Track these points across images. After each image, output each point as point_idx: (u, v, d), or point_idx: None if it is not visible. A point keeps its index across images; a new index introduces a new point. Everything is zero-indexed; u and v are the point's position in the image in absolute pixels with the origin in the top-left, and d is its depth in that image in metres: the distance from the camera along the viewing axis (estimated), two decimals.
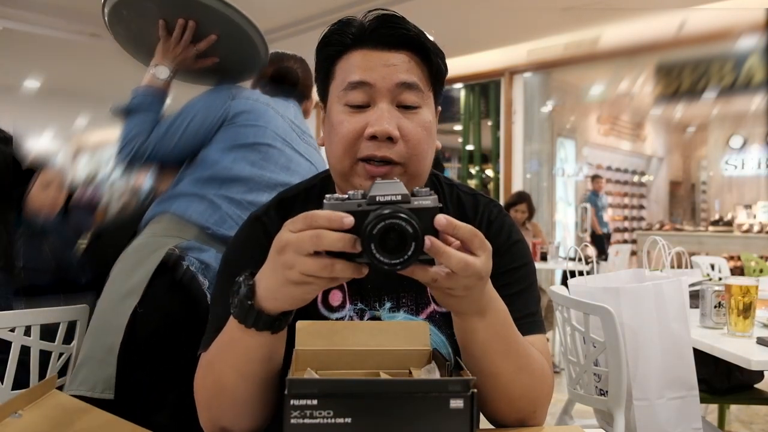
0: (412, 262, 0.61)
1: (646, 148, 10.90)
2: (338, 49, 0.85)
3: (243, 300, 0.69)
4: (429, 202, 0.63)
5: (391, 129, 0.80)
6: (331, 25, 0.86)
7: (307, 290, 0.65)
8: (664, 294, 1.57)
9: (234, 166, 1.47)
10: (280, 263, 0.64)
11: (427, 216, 0.62)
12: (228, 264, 0.91)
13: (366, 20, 0.84)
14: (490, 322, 0.74)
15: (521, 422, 0.80)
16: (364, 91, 0.82)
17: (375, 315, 0.89)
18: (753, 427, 3.13)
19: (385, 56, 0.82)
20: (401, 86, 0.82)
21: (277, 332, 0.70)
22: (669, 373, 1.57)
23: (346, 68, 0.83)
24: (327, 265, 0.62)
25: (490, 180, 7.95)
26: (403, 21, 0.84)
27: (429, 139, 0.84)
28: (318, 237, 0.61)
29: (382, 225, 0.60)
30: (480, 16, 5.66)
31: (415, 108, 0.83)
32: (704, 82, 7.22)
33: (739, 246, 7.40)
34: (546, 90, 7.14)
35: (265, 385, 0.75)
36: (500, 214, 0.94)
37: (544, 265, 4.59)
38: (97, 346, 1.36)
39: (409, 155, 0.82)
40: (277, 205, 0.93)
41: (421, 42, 0.84)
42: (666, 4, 5.23)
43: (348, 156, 0.82)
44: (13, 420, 0.70)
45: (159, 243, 1.42)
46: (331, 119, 0.85)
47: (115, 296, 1.39)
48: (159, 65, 1.53)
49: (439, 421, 0.60)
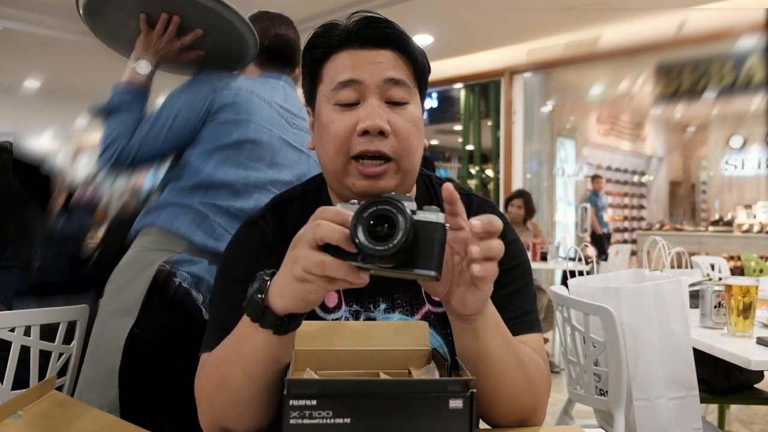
0: (395, 251, 0.59)
1: (646, 148, 10.91)
2: (324, 51, 0.86)
3: (254, 293, 0.70)
4: (434, 217, 0.62)
5: (383, 123, 0.81)
6: (315, 30, 0.87)
7: (307, 288, 0.65)
8: (664, 294, 1.57)
9: (218, 171, 1.42)
10: (290, 258, 0.66)
11: (430, 230, 0.62)
12: (225, 268, 0.92)
13: (350, 22, 0.85)
14: (490, 322, 0.74)
15: (522, 422, 0.81)
16: (354, 89, 0.83)
17: (370, 316, 0.89)
18: (753, 427, 3.13)
19: (371, 54, 0.84)
20: (389, 82, 0.83)
21: (281, 334, 0.70)
22: (669, 373, 1.57)
23: (334, 69, 0.85)
24: (319, 260, 0.62)
25: (490, 180, 7.96)
26: (386, 21, 0.86)
27: (418, 133, 0.86)
28: (317, 225, 0.62)
29: (372, 209, 0.60)
30: (480, 16, 5.66)
31: (404, 104, 0.84)
32: (704, 82, 7.22)
33: (739, 246, 7.40)
34: (546, 90, 7.15)
35: (270, 387, 0.75)
36: (494, 213, 0.95)
37: (544, 265, 4.58)
38: (98, 370, 1.34)
39: (400, 150, 0.82)
40: (273, 209, 0.94)
41: (405, 40, 0.86)
42: (666, 4, 5.22)
43: (341, 154, 0.83)
44: (13, 420, 0.70)
45: (149, 259, 1.38)
46: (322, 120, 0.85)
47: (110, 316, 1.37)
48: (140, 59, 1.44)
49: (439, 421, 0.60)
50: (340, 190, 0.87)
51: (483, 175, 8.08)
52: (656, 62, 7.42)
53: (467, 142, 7.78)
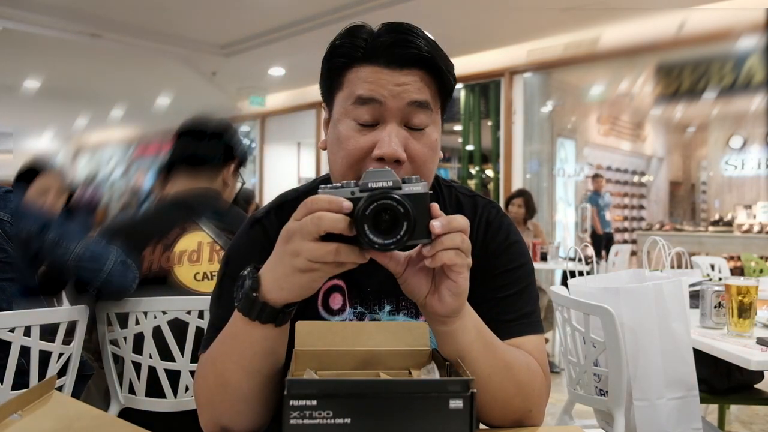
0: (405, 241, 0.63)
1: (646, 148, 10.91)
2: (346, 61, 0.82)
3: (248, 292, 0.70)
4: (419, 188, 0.66)
5: (400, 152, 0.79)
6: (340, 34, 0.84)
7: (313, 277, 0.66)
8: (664, 294, 1.57)
9: None
10: (287, 252, 0.66)
11: (419, 201, 0.65)
12: (227, 267, 0.91)
13: (377, 32, 0.82)
14: (469, 326, 0.74)
15: (518, 422, 0.81)
16: (374, 108, 0.80)
17: (375, 318, 0.90)
18: (753, 427, 3.13)
19: (396, 75, 0.80)
20: (411, 105, 0.80)
21: (281, 325, 0.71)
22: (669, 373, 1.57)
23: (355, 81, 0.81)
24: (332, 249, 0.63)
25: (490, 180, 7.95)
26: (416, 37, 0.81)
27: (434, 157, 0.84)
28: (319, 218, 0.63)
29: (374, 206, 0.62)
30: (480, 16, 5.67)
31: (423, 128, 0.82)
32: (704, 82, 7.22)
33: (739, 246, 7.41)
34: (546, 90, 7.15)
35: (268, 381, 0.75)
36: (498, 215, 0.95)
37: (544, 265, 4.58)
38: None
39: (414, 174, 0.81)
40: (278, 208, 0.94)
41: (435, 60, 0.82)
42: (666, 4, 5.23)
43: (352, 172, 0.81)
44: (12, 420, 0.69)
45: None
46: (339, 131, 0.83)
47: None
48: None
49: (439, 421, 0.60)
50: None
51: (483, 176, 8.07)
52: (656, 62, 7.41)
53: (467, 143, 7.77)
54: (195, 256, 1.61)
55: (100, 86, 8.99)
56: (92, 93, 9.31)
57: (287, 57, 7.28)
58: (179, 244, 1.62)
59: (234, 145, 1.82)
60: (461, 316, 0.73)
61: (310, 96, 8.70)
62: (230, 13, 5.87)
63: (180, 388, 1.56)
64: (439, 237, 0.66)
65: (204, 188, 1.74)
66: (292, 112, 9.31)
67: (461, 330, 0.73)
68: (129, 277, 1.54)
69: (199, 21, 6.26)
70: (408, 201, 0.63)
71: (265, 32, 6.45)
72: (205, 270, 1.61)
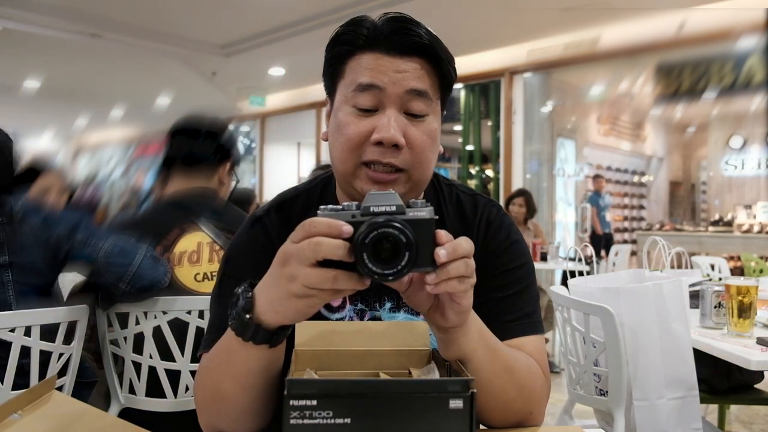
0: (405, 272, 0.60)
1: (646, 148, 10.90)
2: (349, 48, 0.83)
3: (241, 313, 0.68)
4: (425, 213, 0.62)
5: (398, 137, 0.80)
6: (342, 24, 0.85)
7: (309, 303, 0.64)
8: (664, 294, 1.57)
9: None
10: (283, 276, 0.63)
11: (423, 227, 0.62)
12: (227, 266, 0.91)
13: (379, 21, 0.83)
14: (472, 332, 0.74)
15: (519, 424, 0.81)
16: (374, 95, 0.81)
17: (375, 315, 0.89)
18: (753, 427, 3.13)
19: (396, 62, 0.81)
20: (411, 93, 0.81)
21: (275, 346, 0.70)
22: (669, 373, 1.57)
23: (357, 69, 0.82)
24: (330, 276, 0.60)
25: (490, 180, 7.95)
26: (417, 26, 0.82)
27: (433, 146, 0.84)
28: (318, 244, 0.60)
29: (374, 234, 0.59)
30: (480, 16, 5.67)
31: (423, 116, 0.83)
32: (704, 82, 7.22)
33: (739, 246, 7.41)
34: (546, 90, 7.15)
35: (264, 393, 0.74)
36: (499, 214, 0.95)
37: (544, 265, 4.58)
38: None
39: (413, 162, 0.82)
40: (278, 207, 0.94)
41: (434, 49, 0.83)
42: (666, 4, 5.23)
43: (352, 158, 0.82)
44: (13, 420, 0.69)
45: None
46: (339, 118, 0.84)
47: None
48: None
49: (439, 421, 0.60)
50: (347, 190, 0.87)
51: (483, 176, 8.07)
52: (656, 62, 7.41)
53: (467, 142, 7.77)
54: (195, 257, 1.61)
55: (100, 86, 8.99)
56: (92, 93, 9.32)
57: (287, 57, 7.28)
58: (179, 244, 1.62)
59: (229, 143, 1.82)
60: (465, 326, 0.72)
61: (310, 96, 8.71)
62: (230, 13, 5.87)
63: (180, 388, 1.56)
64: (444, 266, 0.63)
65: (201, 188, 1.74)
66: (292, 112, 9.32)
67: (464, 336, 0.73)
68: (160, 270, 1.53)
69: (199, 21, 6.26)
70: (411, 228, 0.59)
71: (265, 32, 6.45)
72: (205, 270, 1.61)
